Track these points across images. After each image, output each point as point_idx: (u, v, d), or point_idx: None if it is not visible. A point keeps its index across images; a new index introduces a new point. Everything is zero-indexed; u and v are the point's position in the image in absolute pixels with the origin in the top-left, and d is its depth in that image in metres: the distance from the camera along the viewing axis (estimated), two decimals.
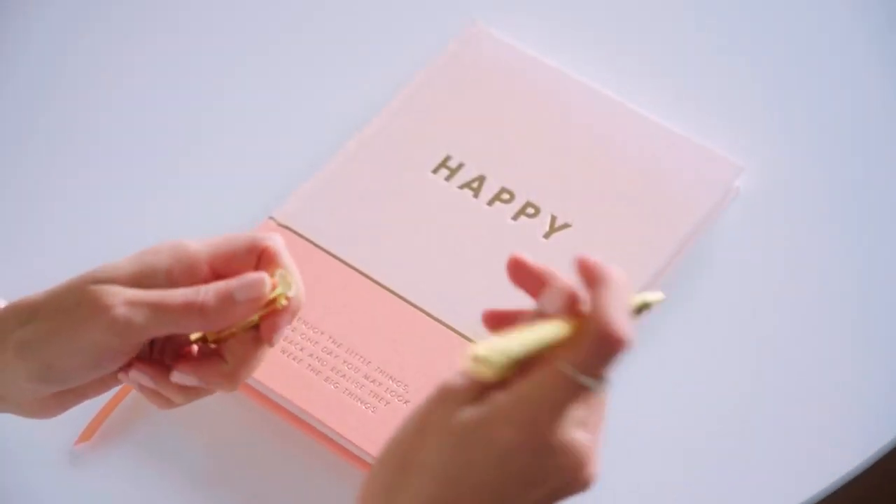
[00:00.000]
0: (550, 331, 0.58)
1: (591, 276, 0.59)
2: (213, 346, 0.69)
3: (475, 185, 0.92)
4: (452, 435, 0.58)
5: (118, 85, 1.01)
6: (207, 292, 0.66)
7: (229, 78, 1.01)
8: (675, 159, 0.93)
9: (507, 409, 0.57)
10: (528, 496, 0.57)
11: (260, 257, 0.68)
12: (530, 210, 0.91)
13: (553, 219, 0.90)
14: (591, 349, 0.56)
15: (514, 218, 0.91)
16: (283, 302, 0.68)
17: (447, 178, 0.92)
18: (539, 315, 0.60)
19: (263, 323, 0.68)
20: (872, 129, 0.98)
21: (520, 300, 0.86)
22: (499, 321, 0.62)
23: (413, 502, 0.58)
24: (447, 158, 0.93)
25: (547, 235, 0.90)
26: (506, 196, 0.92)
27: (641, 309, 0.61)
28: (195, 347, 0.70)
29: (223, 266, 0.68)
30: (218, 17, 1.05)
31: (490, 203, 0.91)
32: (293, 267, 0.69)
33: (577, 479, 0.58)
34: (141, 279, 0.66)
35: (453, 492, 0.57)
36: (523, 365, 0.58)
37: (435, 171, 0.93)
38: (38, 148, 0.98)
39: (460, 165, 0.93)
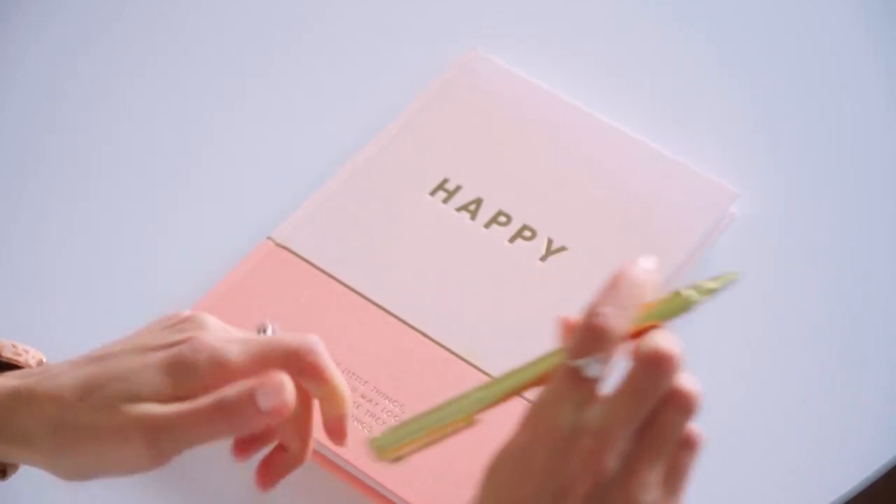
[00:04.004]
0: (452, 410, 0.62)
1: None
2: None
3: (472, 207, 0.92)
4: (489, 466, 0.60)
5: (117, 105, 1.01)
6: (232, 407, 0.65)
7: (229, 98, 1.02)
8: (671, 185, 0.93)
9: (523, 418, 0.60)
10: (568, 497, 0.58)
11: (302, 370, 0.66)
12: (527, 233, 0.91)
13: (549, 242, 0.91)
14: (578, 336, 0.59)
15: (511, 241, 0.91)
16: None
17: (444, 201, 0.93)
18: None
19: (328, 430, 0.69)
20: (868, 155, 0.99)
21: (515, 321, 0.86)
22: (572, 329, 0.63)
23: None
24: (445, 181, 0.94)
25: (543, 258, 0.90)
26: (503, 219, 0.92)
27: (710, 292, 0.63)
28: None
29: (257, 374, 0.66)
30: (217, 40, 1.05)
31: (487, 226, 0.92)
32: (340, 378, 0.68)
33: (599, 469, 0.58)
34: (177, 393, 0.65)
35: None
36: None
37: (432, 193, 0.93)
38: (39, 172, 0.98)
39: (458, 188, 0.93)
